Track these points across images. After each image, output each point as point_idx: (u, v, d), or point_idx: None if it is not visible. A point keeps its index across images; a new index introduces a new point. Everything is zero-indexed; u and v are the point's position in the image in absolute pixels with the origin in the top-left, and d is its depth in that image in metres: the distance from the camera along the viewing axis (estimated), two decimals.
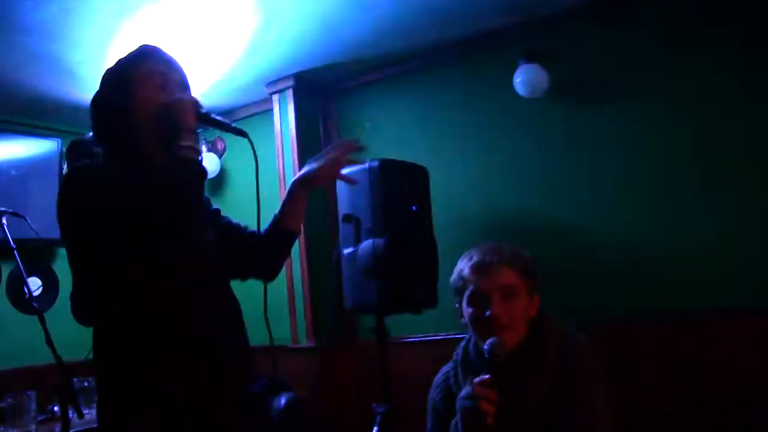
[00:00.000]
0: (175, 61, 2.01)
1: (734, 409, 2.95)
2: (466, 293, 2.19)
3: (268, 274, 2.24)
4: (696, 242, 3.16)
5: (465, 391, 2.00)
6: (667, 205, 3.24)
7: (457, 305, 2.27)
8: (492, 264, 2.16)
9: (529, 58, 3.47)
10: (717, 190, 3.14)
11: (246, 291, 2.14)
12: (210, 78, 3.99)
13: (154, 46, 2.02)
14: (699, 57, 3.21)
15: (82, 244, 1.78)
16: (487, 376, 1.95)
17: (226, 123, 2.00)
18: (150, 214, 1.71)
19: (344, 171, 2.32)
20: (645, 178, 3.30)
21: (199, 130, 1.97)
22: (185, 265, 1.82)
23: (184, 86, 1.99)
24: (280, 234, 2.23)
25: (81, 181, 1.81)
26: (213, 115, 1.95)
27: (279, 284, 4.19)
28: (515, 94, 3.50)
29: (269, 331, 2.08)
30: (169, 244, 1.77)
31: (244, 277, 2.18)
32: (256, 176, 2.10)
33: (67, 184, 1.82)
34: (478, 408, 1.91)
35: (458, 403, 2.01)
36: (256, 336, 2.17)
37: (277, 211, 2.26)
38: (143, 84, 1.91)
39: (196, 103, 1.87)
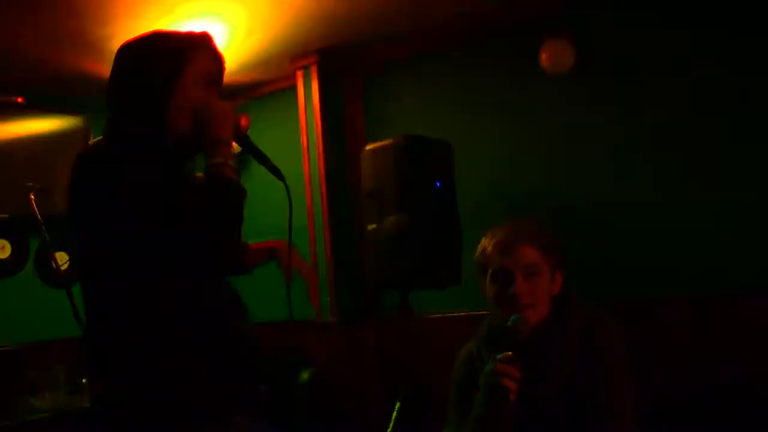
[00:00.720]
0: (223, 60, 1.91)
1: (755, 390, 2.93)
2: (490, 272, 2.19)
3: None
4: (721, 222, 3.12)
5: (488, 368, 2.00)
6: (693, 183, 3.20)
7: (480, 282, 2.27)
8: (514, 242, 2.15)
9: (555, 33, 3.43)
10: (744, 169, 3.09)
11: (273, 265, 2.14)
12: (233, 53, 3.99)
13: (211, 36, 1.90)
14: (729, 31, 3.15)
15: (100, 233, 1.67)
16: (509, 353, 1.95)
17: (264, 155, 1.90)
18: (183, 232, 1.61)
19: (368, 147, 2.30)
20: (671, 155, 3.26)
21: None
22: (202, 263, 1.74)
23: (221, 86, 1.90)
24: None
25: (108, 170, 1.66)
26: (250, 141, 1.87)
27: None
28: (541, 70, 3.46)
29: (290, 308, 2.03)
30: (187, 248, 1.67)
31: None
32: (290, 219, 2.03)
33: (91, 168, 1.69)
34: (500, 384, 1.92)
35: (481, 380, 2.02)
36: (279, 312, 2.18)
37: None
38: (193, 72, 1.79)
39: (239, 118, 1.81)
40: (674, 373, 3.11)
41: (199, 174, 1.80)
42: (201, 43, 1.86)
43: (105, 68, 4.05)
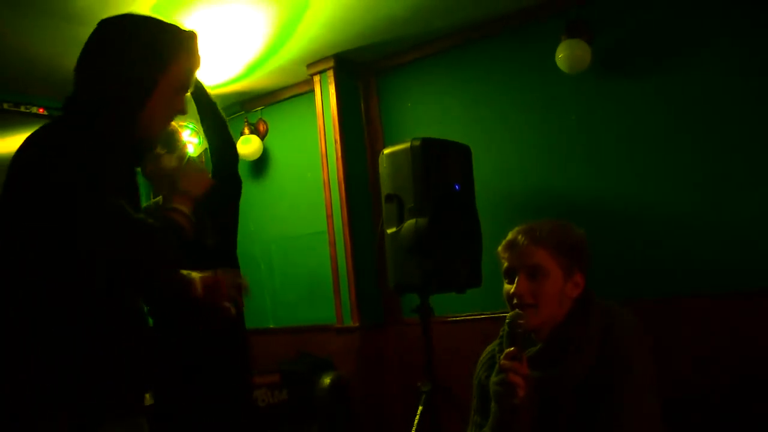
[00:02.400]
0: (200, 65, 1.80)
1: None
2: (502, 269, 2.20)
3: None
4: (746, 218, 3.09)
5: (495, 367, 2.01)
6: (714, 180, 3.18)
7: None
8: (519, 242, 2.15)
9: (571, 33, 3.41)
10: (765, 165, 3.07)
11: (290, 271, 2.15)
12: (250, 60, 4.01)
13: (197, 36, 1.78)
14: (748, 26, 3.13)
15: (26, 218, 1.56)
16: (511, 348, 1.96)
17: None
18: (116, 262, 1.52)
19: (386, 151, 2.30)
20: (693, 153, 3.24)
21: (241, 112, 1.92)
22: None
23: (187, 92, 1.81)
24: None
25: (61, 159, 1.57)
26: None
27: (323, 265, 4.23)
28: (558, 70, 3.45)
29: None
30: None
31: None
32: None
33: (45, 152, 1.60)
34: (506, 380, 1.92)
35: (491, 380, 2.02)
36: (301, 315, 2.20)
37: None
38: (173, 73, 1.71)
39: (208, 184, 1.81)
40: (700, 372, 3.09)
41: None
42: (187, 43, 1.75)
43: None
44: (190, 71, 1.76)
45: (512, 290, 2.12)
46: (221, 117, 2.85)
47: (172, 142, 2.73)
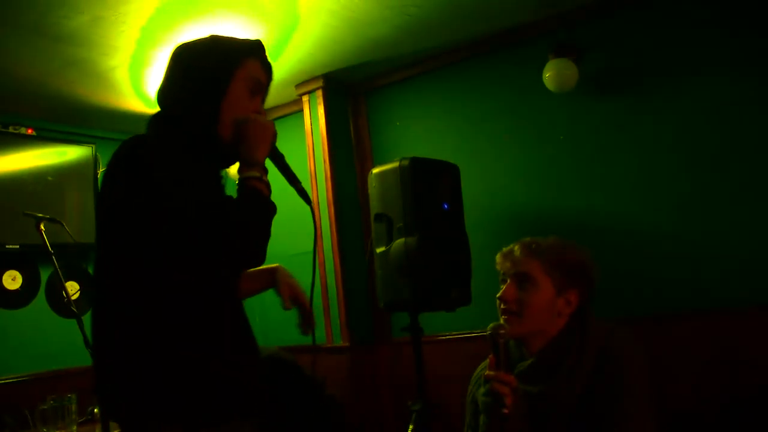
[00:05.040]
0: (272, 70, 1.93)
1: None
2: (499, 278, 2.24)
3: None
4: (732, 237, 3.12)
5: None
6: (702, 197, 3.20)
7: None
8: (515, 251, 2.19)
9: (558, 53, 3.45)
10: (752, 185, 3.09)
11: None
12: None
13: (263, 44, 1.92)
14: (734, 50, 3.16)
15: (128, 223, 1.62)
16: (491, 357, 1.97)
17: (295, 177, 1.91)
18: (209, 235, 1.57)
19: (375, 170, 2.31)
20: (680, 171, 3.26)
21: None
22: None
23: (266, 96, 1.92)
24: None
25: (157, 157, 1.64)
26: (285, 161, 1.89)
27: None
28: (545, 89, 3.47)
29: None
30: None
31: None
32: (315, 245, 2.04)
33: (145, 153, 1.65)
34: (492, 390, 1.92)
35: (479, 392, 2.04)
36: (291, 335, 2.18)
37: None
38: (243, 78, 1.81)
39: (274, 134, 1.82)
40: (692, 389, 3.09)
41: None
42: (254, 49, 1.88)
43: (112, 98, 4.14)
44: (260, 73, 1.86)
45: (498, 294, 2.15)
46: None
47: None
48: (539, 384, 2.05)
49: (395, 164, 2.99)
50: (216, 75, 1.79)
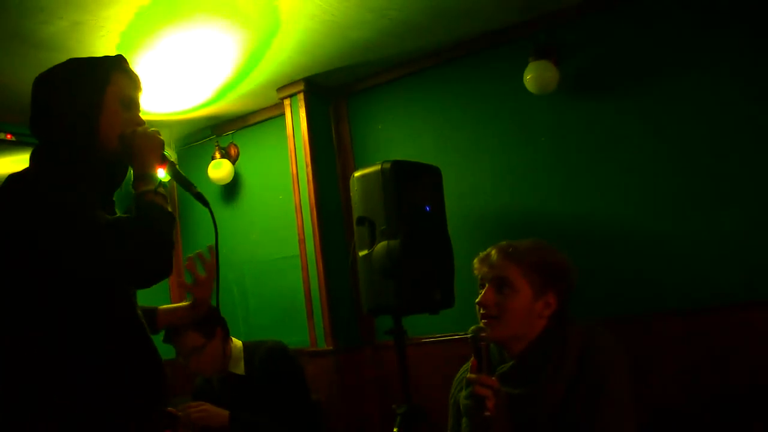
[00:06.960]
0: (140, 82, 1.94)
1: (755, 403, 2.93)
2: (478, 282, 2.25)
3: None
4: (714, 236, 3.14)
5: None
6: (683, 199, 3.23)
7: None
8: (492, 256, 2.19)
9: (539, 55, 3.46)
10: (734, 183, 3.12)
11: (263, 295, 2.15)
12: (221, 85, 4.01)
13: (125, 58, 1.94)
14: (714, 50, 3.19)
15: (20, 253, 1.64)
16: (473, 360, 1.98)
17: (189, 182, 1.93)
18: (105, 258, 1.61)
19: (357, 174, 2.32)
20: (663, 172, 3.29)
21: (212, 136, 1.93)
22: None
23: (139, 108, 1.93)
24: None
25: (40, 190, 1.67)
26: (176, 168, 1.91)
27: (296, 289, 4.22)
28: (526, 91, 3.49)
29: None
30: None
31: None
32: (215, 244, 2.05)
33: (22, 189, 1.69)
34: (473, 393, 1.93)
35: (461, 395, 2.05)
36: (277, 336, 2.18)
37: (159, 307, 2.30)
38: (114, 93, 1.84)
39: (162, 144, 1.83)
40: (674, 389, 3.11)
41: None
42: (117, 63, 1.90)
43: None
44: (128, 85, 1.88)
45: (477, 299, 2.16)
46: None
47: None
48: (521, 386, 2.06)
49: (377, 167, 2.98)
50: (88, 93, 1.80)
